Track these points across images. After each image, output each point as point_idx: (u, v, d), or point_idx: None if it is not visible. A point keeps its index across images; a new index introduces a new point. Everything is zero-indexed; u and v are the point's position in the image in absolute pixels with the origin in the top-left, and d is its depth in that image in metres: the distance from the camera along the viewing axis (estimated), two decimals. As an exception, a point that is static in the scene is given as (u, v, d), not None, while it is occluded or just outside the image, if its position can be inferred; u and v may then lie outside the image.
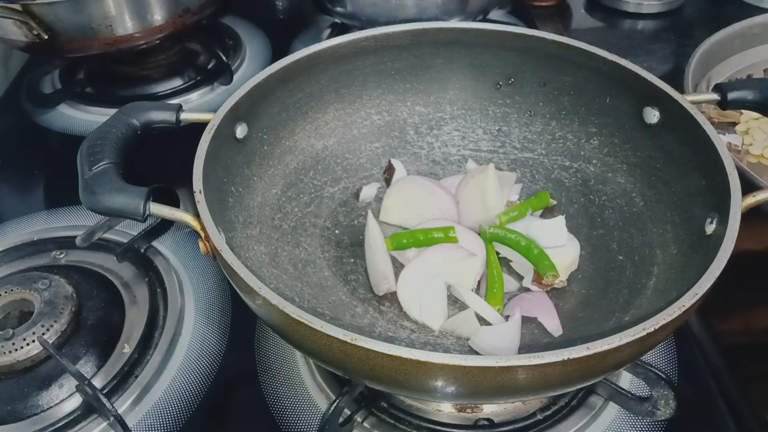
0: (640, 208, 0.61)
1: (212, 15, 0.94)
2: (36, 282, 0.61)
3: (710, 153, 0.51)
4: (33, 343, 0.57)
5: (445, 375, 0.39)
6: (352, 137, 0.70)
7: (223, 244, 0.45)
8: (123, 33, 0.82)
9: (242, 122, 0.58)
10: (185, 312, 0.65)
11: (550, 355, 0.37)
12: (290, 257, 0.61)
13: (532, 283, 0.59)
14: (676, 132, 0.57)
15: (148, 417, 0.57)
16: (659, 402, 0.52)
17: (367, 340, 0.39)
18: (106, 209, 0.49)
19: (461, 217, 0.65)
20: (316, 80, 0.65)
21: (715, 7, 1.18)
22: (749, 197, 0.48)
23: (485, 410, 0.55)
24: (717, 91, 0.57)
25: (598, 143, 0.66)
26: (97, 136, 0.53)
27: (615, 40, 1.11)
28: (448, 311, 0.58)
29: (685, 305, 0.40)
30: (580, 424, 0.54)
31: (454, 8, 0.90)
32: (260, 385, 0.59)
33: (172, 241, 0.72)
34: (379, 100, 0.70)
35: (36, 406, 0.56)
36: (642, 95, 0.59)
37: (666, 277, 0.54)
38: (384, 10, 0.88)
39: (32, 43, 0.81)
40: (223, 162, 0.56)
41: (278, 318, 0.42)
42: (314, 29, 1.10)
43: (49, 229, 0.74)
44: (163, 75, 0.98)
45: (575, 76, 0.64)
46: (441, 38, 0.67)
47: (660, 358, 0.60)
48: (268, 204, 0.62)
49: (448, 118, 0.72)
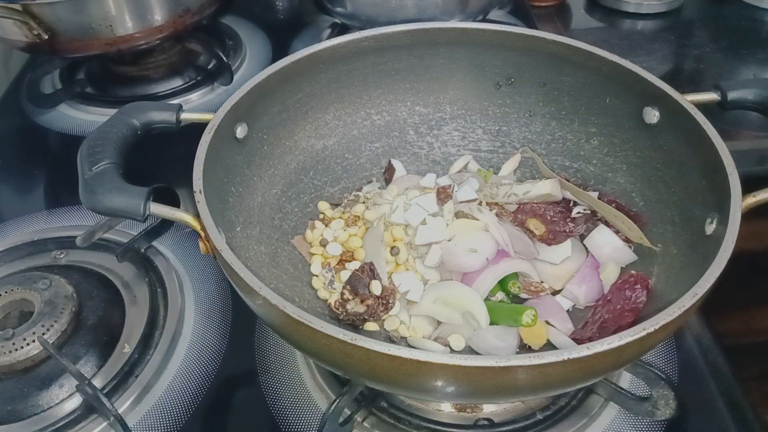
0: (640, 208, 0.61)
1: (212, 15, 0.94)
2: (36, 282, 0.61)
3: (710, 153, 0.51)
4: (33, 343, 0.57)
5: (445, 375, 0.39)
6: (352, 137, 0.70)
7: (223, 244, 0.45)
8: (123, 33, 0.82)
9: (242, 122, 0.58)
10: (185, 312, 0.65)
11: (550, 355, 0.37)
12: (290, 257, 0.61)
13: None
14: (676, 132, 0.57)
15: (148, 417, 0.57)
16: (659, 402, 0.52)
17: (367, 340, 0.39)
18: (106, 209, 0.49)
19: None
20: (316, 80, 0.65)
21: (715, 7, 1.18)
22: (749, 197, 0.48)
23: (485, 410, 0.55)
24: (717, 91, 0.57)
25: (598, 143, 0.66)
26: (97, 136, 0.53)
27: (615, 40, 1.11)
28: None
29: (685, 305, 0.40)
30: (580, 424, 0.54)
31: (454, 8, 0.90)
32: (260, 385, 0.59)
33: (172, 241, 0.72)
34: (379, 100, 0.70)
35: (36, 406, 0.56)
36: (642, 95, 0.59)
37: (666, 277, 0.54)
38: (384, 10, 0.88)
39: (32, 43, 0.81)
40: (223, 162, 0.56)
41: (278, 318, 0.42)
42: (314, 29, 1.10)
43: (49, 229, 0.74)
44: (163, 75, 0.98)
45: (575, 76, 0.64)
46: (441, 38, 0.67)
47: (660, 358, 0.60)
48: (268, 204, 0.62)
49: (448, 118, 0.72)
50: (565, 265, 0.60)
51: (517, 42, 0.65)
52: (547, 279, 0.60)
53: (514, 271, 0.58)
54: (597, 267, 0.59)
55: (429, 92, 0.71)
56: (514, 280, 0.58)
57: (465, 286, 0.56)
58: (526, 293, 0.58)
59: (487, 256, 0.58)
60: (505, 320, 0.54)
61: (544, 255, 0.60)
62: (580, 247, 0.61)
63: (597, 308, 0.57)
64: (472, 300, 0.55)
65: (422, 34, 0.66)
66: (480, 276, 0.57)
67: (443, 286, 0.57)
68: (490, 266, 0.58)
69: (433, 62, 0.69)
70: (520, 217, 0.62)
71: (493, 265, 0.58)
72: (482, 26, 0.66)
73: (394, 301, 0.56)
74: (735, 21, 1.14)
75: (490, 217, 0.61)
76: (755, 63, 1.04)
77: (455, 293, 0.56)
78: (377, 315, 0.55)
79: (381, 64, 0.68)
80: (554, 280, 0.60)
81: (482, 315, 0.54)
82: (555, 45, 0.63)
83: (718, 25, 1.14)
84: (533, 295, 0.58)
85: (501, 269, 0.57)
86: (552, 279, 0.60)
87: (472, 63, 0.68)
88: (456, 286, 0.57)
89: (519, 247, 0.60)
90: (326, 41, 0.64)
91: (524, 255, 0.60)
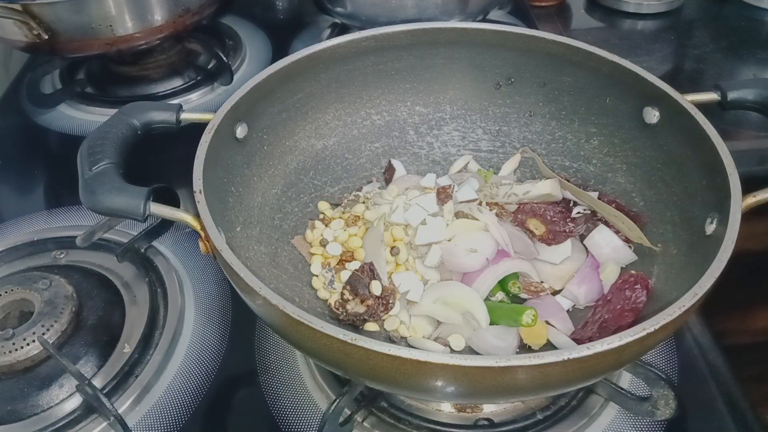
0: (640, 208, 0.61)
1: (212, 15, 0.94)
2: (36, 282, 0.61)
3: (710, 153, 0.51)
4: (33, 343, 0.57)
5: (445, 375, 0.39)
6: (352, 137, 0.70)
7: (223, 244, 0.45)
8: (123, 33, 0.82)
9: (242, 122, 0.58)
10: (185, 312, 0.65)
11: (550, 355, 0.37)
12: (290, 257, 0.61)
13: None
14: (676, 132, 0.57)
15: (148, 417, 0.57)
16: (659, 402, 0.52)
17: (367, 340, 0.39)
18: (106, 209, 0.49)
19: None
20: (316, 80, 0.65)
21: (715, 7, 1.18)
22: (749, 197, 0.48)
23: (485, 410, 0.55)
24: (717, 91, 0.57)
25: (598, 143, 0.66)
26: (97, 136, 0.53)
27: (615, 40, 1.11)
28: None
29: (685, 305, 0.40)
30: (580, 424, 0.54)
31: (454, 8, 0.90)
32: (260, 385, 0.59)
33: (172, 241, 0.72)
34: (379, 100, 0.70)
35: (36, 406, 0.56)
36: (642, 95, 0.59)
37: (666, 277, 0.54)
38: (384, 10, 0.88)
39: (32, 43, 0.81)
40: (223, 162, 0.56)
41: (278, 318, 0.42)
42: (314, 29, 1.10)
43: (49, 229, 0.74)
44: (163, 75, 0.98)
45: (575, 76, 0.64)
46: (441, 38, 0.67)
47: (660, 358, 0.60)
48: (268, 204, 0.62)
49: (448, 118, 0.72)
50: (565, 265, 0.60)
51: (517, 42, 0.65)
52: (547, 279, 0.60)
53: (514, 271, 0.58)
54: (597, 267, 0.59)
55: (429, 92, 0.71)
56: (514, 280, 0.58)
57: (465, 286, 0.56)
58: (526, 293, 0.58)
59: (487, 256, 0.58)
60: (505, 320, 0.54)
61: (544, 255, 0.60)
62: (580, 247, 0.61)
63: (597, 308, 0.57)
64: (472, 300, 0.55)
65: (422, 34, 0.66)
66: (480, 276, 0.57)
67: (443, 286, 0.57)
68: (490, 266, 0.58)
69: (433, 62, 0.69)
70: (520, 217, 0.62)
71: (493, 265, 0.58)
72: (482, 26, 0.66)
73: (394, 301, 0.56)
74: (735, 21, 1.14)
75: (490, 217, 0.61)
76: (755, 63, 1.04)
77: (455, 293, 0.56)
78: (377, 315, 0.55)
79: (381, 64, 0.68)
80: (554, 280, 0.60)
81: (482, 315, 0.54)
82: (555, 45, 0.63)
83: (718, 25, 1.14)
84: (533, 295, 0.58)
85: (501, 269, 0.57)
86: (552, 279, 0.60)
87: (472, 63, 0.68)
88: (456, 286, 0.57)
89: (519, 247, 0.60)
90: (326, 41, 0.64)
91: (524, 255, 0.60)
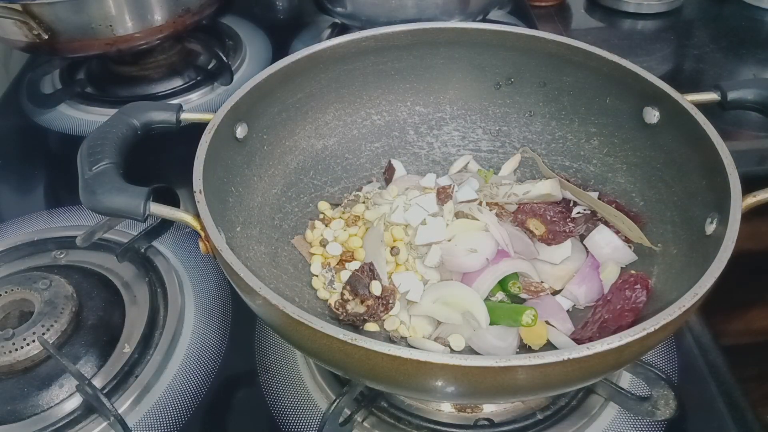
0: (640, 208, 0.61)
1: (212, 15, 0.94)
2: (36, 282, 0.61)
3: (710, 153, 0.51)
4: (33, 343, 0.57)
5: (445, 375, 0.39)
6: (352, 137, 0.70)
7: (223, 244, 0.45)
8: (123, 33, 0.82)
9: (242, 122, 0.58)
10: (185, 312, 0.65)
11: (550, 355, 0.37)
12: (290, 257, 0.61)
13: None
14: (676, 132, 0.57)
15: (148, 417, 0.57)
16: (659, 402, 0.52)
17: (367, 340, 0.39)
18: (106, 209, 0.49)
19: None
20: (316, 80, 0.65)
21: (715, 7, 1.19)
22: (749, 197, 0.48)
23: (485, 410, 0.55)
24: (717, 91, 0.57)
25: (598, 143, 0.66)
26: (97, 136, 0.53)
27: (615, 40, 1.11)
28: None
29: (685, 305, 0.40)
30: (580, 424, 0.54)
31: (454, 8, 0.90)
32: (260, 385, 0.59)
33: (172, 241, 0.72)
34: (379, 100, 0.70)
35: (36, 406, 0.56)
36: (642, 95, 0.59)
37: (666, 277, 0.54)
38: (384, 10, 0.88)
39: (32, 43, 0.81)
40: (223, 162, 0.56)
41: (278, 318, 0.42)
42: (314, 29, 1.10)
43: (49, 229, 0.74)
44: (163, 75, 0.98)
45: (575, 76, 0.64)
46: (441, 38, 0.67)
47: (660, 358, 0.60)
48: (268, 204, 0.62)
49: (448, 118, 0.72)
50: (565, 265, 0.60)
51: (517, 42, 0.65)
52: (547, 279, 0.60)
53: (514, 271, 0.58)
54: (597, 267, 0.59)
55: (429, 92, 0.71)
56: (514, 280, 0.57)
57: (465, 286, 0.56)
58: (526, 293, 0.58)
59: (487, 256, 0.58)
60: (505, 320, 0.54)
61: (544, 255, 0.60)
62: (580, 247, 0.61)
63: (597, 308, 0.57)
64: (472, 300, 0.55)
65: (422, 34, 0.66)
66: (480, 276, 0.57)
67: (443, 286, 0.57)
68: (490, 266, 0.58)
69: (433, 62, 0.69)
70: (520, 217, 0.62)
71: (493, 265, 0.58)
72: (482, 26, 0.66)
73: (394, 302, 0.56)
74: (735, 21, 1.14)
75: (490, 217, 0.61)
76: (755, 63, 1.04)
77: (455, 293, 0.56)
78: (377, 315, 0.55)
79: (381, 64, 0.68)
80: (554, 280, 0.60)
81: (482, 315, 0.54)
82: (555, 45, 0.63)
83: (718, 25, 1.14)
84: (533, 295, 0.58)
85: (501, 269, 0.57)
86: (552, 279, 0.60)
87: (472, 63, 0.68)
88: (456, 286, 0.57)
89: (519, 247, 0.60)
90: (326, 41, 0.64)
91: (524, 255, 0.60)
